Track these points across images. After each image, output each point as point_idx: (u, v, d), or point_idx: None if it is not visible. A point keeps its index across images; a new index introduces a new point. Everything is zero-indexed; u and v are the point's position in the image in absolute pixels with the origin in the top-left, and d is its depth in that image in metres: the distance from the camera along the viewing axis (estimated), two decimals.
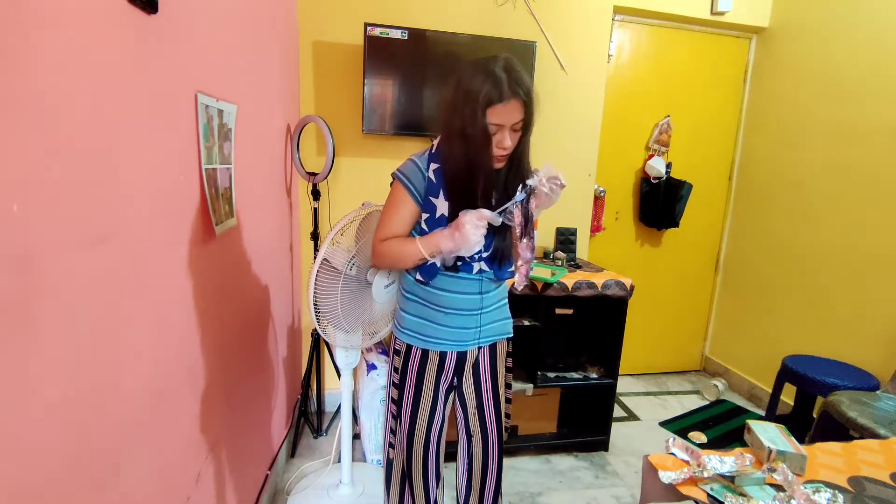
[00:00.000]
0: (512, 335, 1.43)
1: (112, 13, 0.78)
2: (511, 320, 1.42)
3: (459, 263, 1.25)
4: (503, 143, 1.14)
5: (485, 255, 1.26)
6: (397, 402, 1.38)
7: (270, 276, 1.87)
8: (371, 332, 1.65)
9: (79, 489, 0.72)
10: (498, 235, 1.25)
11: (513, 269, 1.31)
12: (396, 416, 1.39)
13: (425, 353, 1.33)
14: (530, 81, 1.14)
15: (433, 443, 1.39)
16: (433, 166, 1.22)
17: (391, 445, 1.41)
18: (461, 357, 1.34)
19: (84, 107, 0.71)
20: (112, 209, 0.79)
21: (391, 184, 1.29)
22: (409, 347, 1.34)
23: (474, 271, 1.27)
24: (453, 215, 1.19)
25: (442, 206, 1.22)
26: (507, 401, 1.44)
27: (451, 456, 1.49)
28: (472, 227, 1.12)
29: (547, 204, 1.16)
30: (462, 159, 1.16)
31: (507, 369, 1.44)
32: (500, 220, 1.14)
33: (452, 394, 1.39)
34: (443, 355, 1.32)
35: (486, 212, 1.13)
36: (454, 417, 1.43)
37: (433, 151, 1.24)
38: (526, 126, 1.17)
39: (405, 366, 1.35)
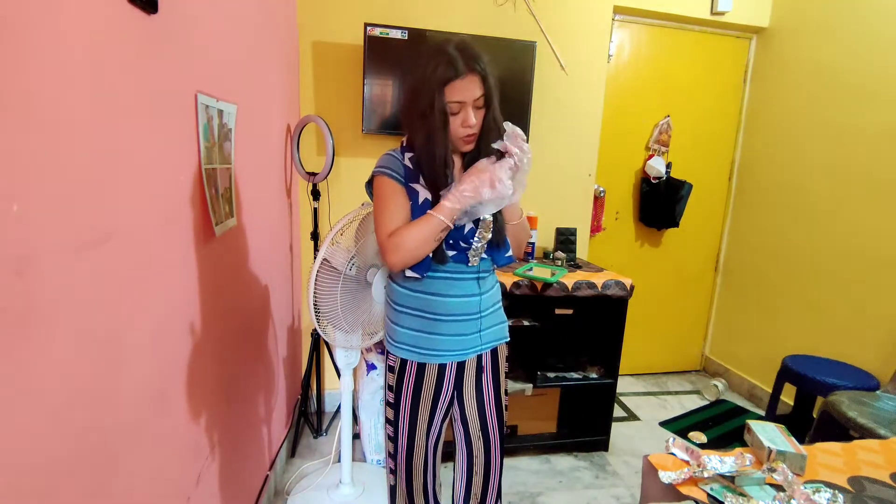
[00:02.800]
0: (509, 339, 1.39)
1: (112, 13, 0.78)
2: (507, 324, 1.38)
3: (452, 254, 1.20)
4: (468, 121, 1.13)
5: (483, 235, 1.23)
6: (393, 423, 1.33)
7: (270, 276, 1.87)
8: (371, 332, 1.65)
9: (79, 490, 0.72)
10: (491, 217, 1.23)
11: (509, 254, 1.28)
12: (393, 438, 1.34)
13: (422, 367, 1.27)
14: (486, 58, 1.13)
15: (431, 456, 1.36)
16: (408, 155, 1.21)
17: (391, 470, 1.38)
18: (461, 367, 1.30)
19: (84, 107, 0.71)
20: (112, 209, 0.79)
21: (370, 183, 1.26)
22: (403, 362, 1.28)
23: (470, 263, 1.22)
24: (435, 200, 1.17)
25: (423, 192, 1.20)
26: (505, 407, 1.42)
27: (446, 455, 1.46)
28: (503, 174, 1.09)
29: (524, 169, 1.13)
30: (424, 140, 1.15)
31: (505, 374, 1.41)
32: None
33: (453, 403, 1.35)
34: (442, 368, 1.27)
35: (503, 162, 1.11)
36: (450, 422, 1.40)
37: (405, 144, 1.24)
38: (488, 102, 1.15)
39: (400, 382, 1.29)
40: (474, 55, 1.10)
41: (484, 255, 1.24)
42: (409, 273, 1.20)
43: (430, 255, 1.18)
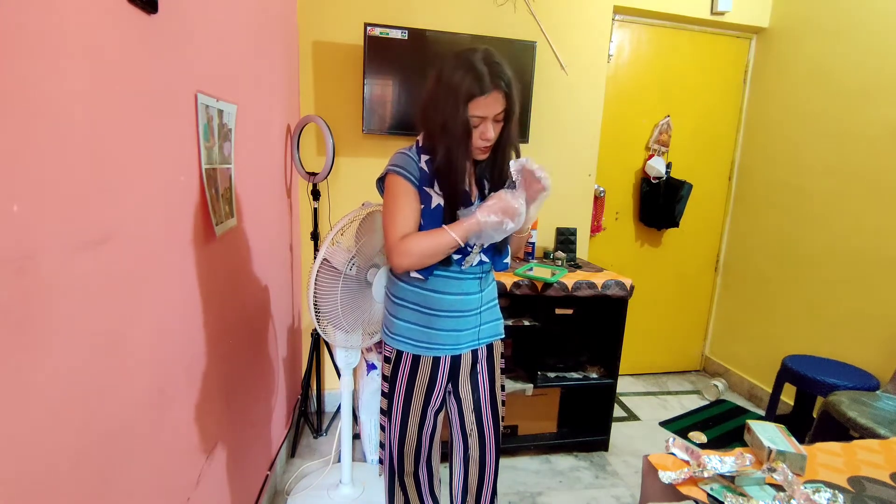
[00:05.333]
0: (504, 336, 1.41)
1: (112, 13, 0.78)
2: (502, 321, 1.41)
3: (457, 257, 1.23)
4: (486, 135, 1.15)
5: (485, 245, 1.25)
6: (386, 413, 1.35)
7: (270, 276, 1.87)
8: (371, 332, 1.65)
9: (79, 490, 0.72)
10: None
11: (507, 260, 1.31)
12: (386, 428, 1.36)
13: (416, 359, 1.29)
14: (510, 72, 1.14)
15: (425, 449, 1.37)
16: (424, 157, 1.22)
17: (382, 460, 1.40)
18: (455, 361, 1.32)
19: (84, 107, 0.71)
20: (112, 209, 0.79)
21: (382, 180, 1.26)
22: (399, 354, 1.31)
23: (475, 263, 1.25)
24: (448, 206, 1.20)
25: (437, 198, 1.21)
26: (502, 403, 1.43)
27: (445, 455, 1.47)
28: (515, 201, 1.10)
29: (538, 194, 1.16)
30: (444, 152, 1.16)
31: (501, 370, 1.43)
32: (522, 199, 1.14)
33: (448, 398, 1.37)
34: (436, 360, 1.29)
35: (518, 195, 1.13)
36: (446, 418, 1.41)
37: (420, 145, 1.24)
38: (508, 116, 1.17)
39: (395, 373, 1.32)
40: (500, 72, 1.12)
41: (485, 259, 1.27)
42: (413, 274, 1.23)
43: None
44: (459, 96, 1.10)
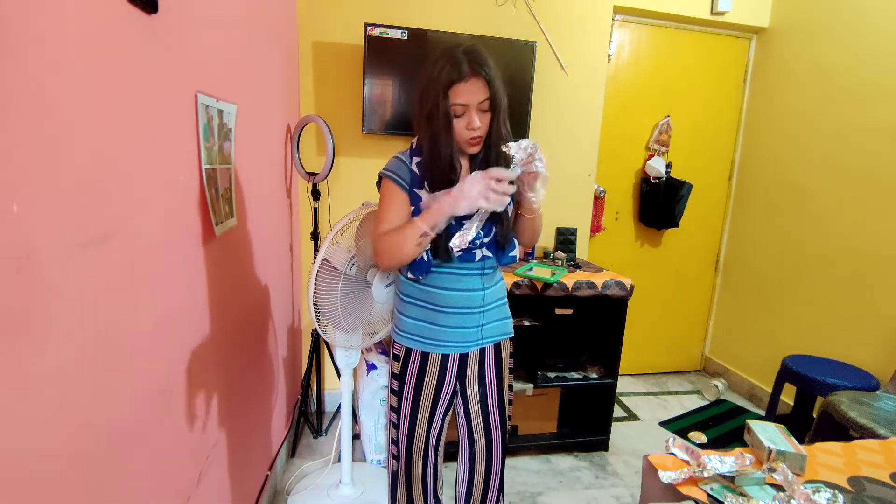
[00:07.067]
0: (513, 335, 1.41)
1: (112, 13, 0.78)
2: (511, 320, 1.40)
3: (459, 253, 1.20)
4: (472, 124, 1.14)
5: (486, 239, 1.24)
6: (396, 410, 1.36)
7: (270, 276, 1.87)
8: (371, 332, 1.65)
9: (79, 490, 0.72)
10: (496, 218, 1.23)
11: (514, 253, 1.30)
12: (395, 425, 1.37)
13: (425, 356, 1.30)
14: (493, 63, 1.14)
15: (432, 449, 1.38)
16: (416, 159, 1.23)
17: (393, 456, 1.40)
18: (463, 359, 1.32)
19: (84, 107, 0.71)
20: (112, 209, 0.79)
21: (378, 183, 1.28)
22: (408, 351, 1.31)
23: (476, 259, 1.24)
24: None
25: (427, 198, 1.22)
26: (509, 402, 1.43)
27: (450, 455, 1.47)
28: (471, 181, 1.08)
29: (537, 180, 1.14)
30: (429, 143, 1.17)
31: (509, 370, 1.43)
32: (517, 172, 1.09)
33: (455, 398, 1.37)
34: (444, 358, 1.30)
35: (494, 170, 1.09)
36: (453, 417, 1.41)
37: (414, 147, 1.25)
38: (495, 106, 1.16)
39: (403, 371, 1.32)
40: (480, 60, 1.12)
41: (488, 254, 1.27)
42: (409, 275, 1.24)
43: (430, 257, 1.21)
44: (440, 85, 1.11)
